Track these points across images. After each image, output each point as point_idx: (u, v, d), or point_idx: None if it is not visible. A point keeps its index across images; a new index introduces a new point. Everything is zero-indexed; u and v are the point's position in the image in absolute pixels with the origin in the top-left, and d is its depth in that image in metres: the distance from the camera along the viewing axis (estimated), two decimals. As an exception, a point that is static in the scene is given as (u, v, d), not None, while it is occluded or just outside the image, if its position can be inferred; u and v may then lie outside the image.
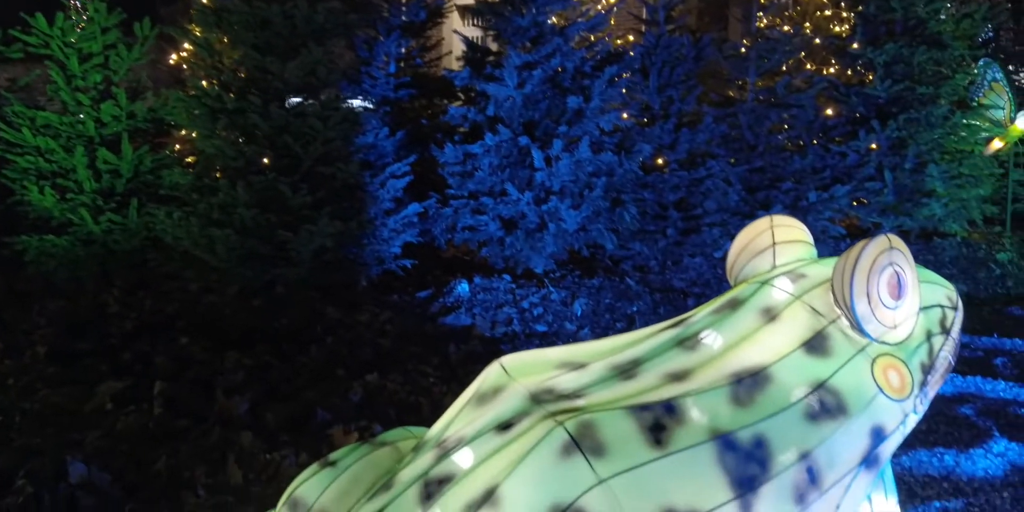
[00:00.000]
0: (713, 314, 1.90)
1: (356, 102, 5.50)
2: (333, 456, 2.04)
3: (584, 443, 1.53)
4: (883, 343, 1.73)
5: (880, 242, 1.72)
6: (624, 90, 5.72)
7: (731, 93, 6.57)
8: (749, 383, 1.68)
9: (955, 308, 1.88)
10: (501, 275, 5.27)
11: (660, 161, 6.09)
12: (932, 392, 1.77)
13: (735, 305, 1.88)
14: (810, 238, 2.04)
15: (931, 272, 1.96)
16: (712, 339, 1.80)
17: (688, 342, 1.83)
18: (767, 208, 5.64)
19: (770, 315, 1.80)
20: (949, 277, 5.81)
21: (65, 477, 2.68)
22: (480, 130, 5.06)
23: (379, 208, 4.90)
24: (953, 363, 1.82)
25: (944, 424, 3.38)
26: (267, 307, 4.58)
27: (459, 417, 1.88)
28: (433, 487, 1.66)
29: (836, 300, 1.75)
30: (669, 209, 5.70)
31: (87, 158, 5.13)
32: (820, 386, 1.67)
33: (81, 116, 5.22)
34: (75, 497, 2.58)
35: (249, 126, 4.55)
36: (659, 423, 1.59)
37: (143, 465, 2.89)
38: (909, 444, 3.21)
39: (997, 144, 6.09)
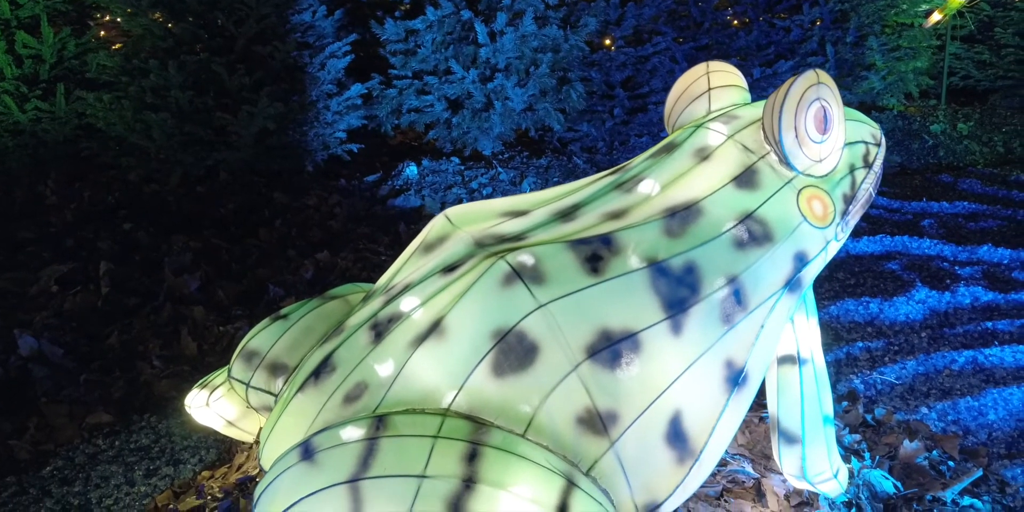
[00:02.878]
0: (650, 159, 1.95)
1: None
2: (284, 310, 2.10)
3: (524, 273, 1.60)
4: (809, 175, 1.81)
5: (808, 77, 1.77)
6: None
7: (678, -34, 6.40)
8: (682, 216, 1.75)
9: (878, 145, 1.96)
10: (449, 157, 5.24)
11: (608, 42, 5.99)
12: (853, 221, 1.87)
13: (671, 149, 1.93)
14: (744, 83, 2.07)
15: (858, 111, 2.02)
16: (649, 181, 1.86)
17: (626, 185, 1.89)
18: (712, 86, 5.61)
19: (703, 155, 1.86)
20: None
21: (15, 351, 2.70)
22: (421, 5, 4.89)
23: (320, 90, 4.76)
24: (874, 195, 1.91)
25: (871, 278, 3.56)
26: (212, 193, 4.52)
27: (405, 266, 1.94)
28: (382, 326, 1.73)
29: (765, 135, 1.80)
30: (616, 88, 5.65)
31: (5, 42, 4.84)
32: (748, 216, 1.75)
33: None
34: (28, 369, 2.62)
35: (176, 2, 4.31)
36: (596, 254, 1.66)
37: (95, 340, 2.92)
38: (837, 295, 3.40)
39: (936, 16, 6.10)
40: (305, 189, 4.71)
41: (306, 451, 1.46)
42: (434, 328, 1.61)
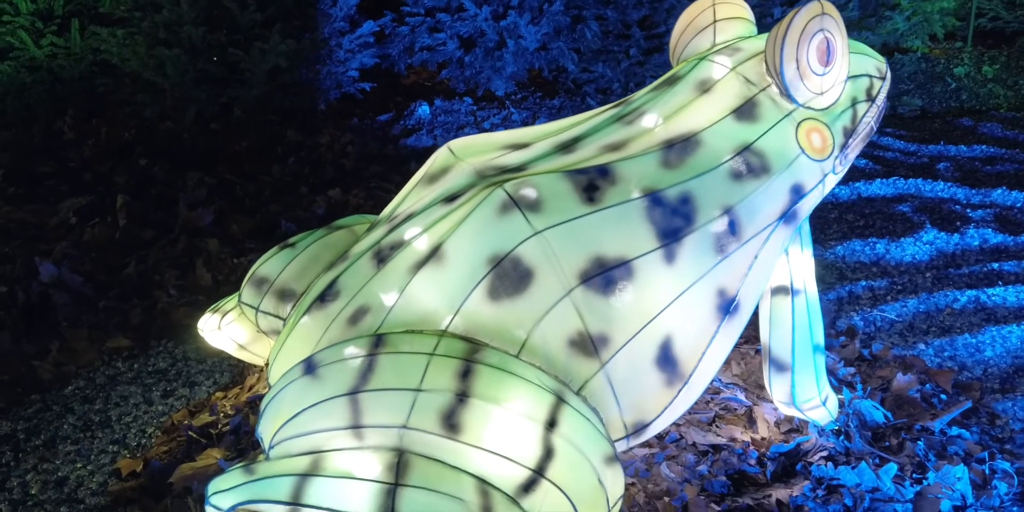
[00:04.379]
0: (652, 92, 1.95)
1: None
2: (292, 239, 2.16)
3: (522, 201, 1.64)
4: (809, 108, 1.81)
5: (812, 7, 1.75)
6: None
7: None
8: (680, 148, 1.77)
9: (883, 78, 1.95)
10: (462, 98, 5.22)
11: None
12: (853, 154, 1.88)
13: (673, 82, 1.93)
14: (751, 15, 2.06)
15: (863, 45, 2.00)
16: (649, 113, 1.87)
17: (627, 118, 1.90)
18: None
19: (705, 88, 1.86)
20: (905, 92, 5.82)
21: (36, 277, 2.79)
22: (434, -60, 4.81)
23: (332, 27, 4.74)
24: (875, 128, 1.91)
25: (881, 220, 3.56)
26: (226, 131, 4.55)
27: (409, 197, 1.98)
28: (385, 252, 1.78)
29: (767, 67, 1.80)
30: (632, 27, 5.55)
31: (17, -23, 4.83)
32: (746, 148, 1.76)
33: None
34: (48, 295, 2.71)
35: (186, -64, 4.27)
36: (593, 184, 1.69)
37: (113, 270, 3.01)
38: (845, 236, 3.41)
39: (968, -47, 5.90)
40: (318, 127, 4.73)
41: (309, 366, 1.53)
42: (433, 254, 1.66)
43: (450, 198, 1.78)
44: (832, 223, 3.60)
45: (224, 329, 2.15)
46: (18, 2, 4.83)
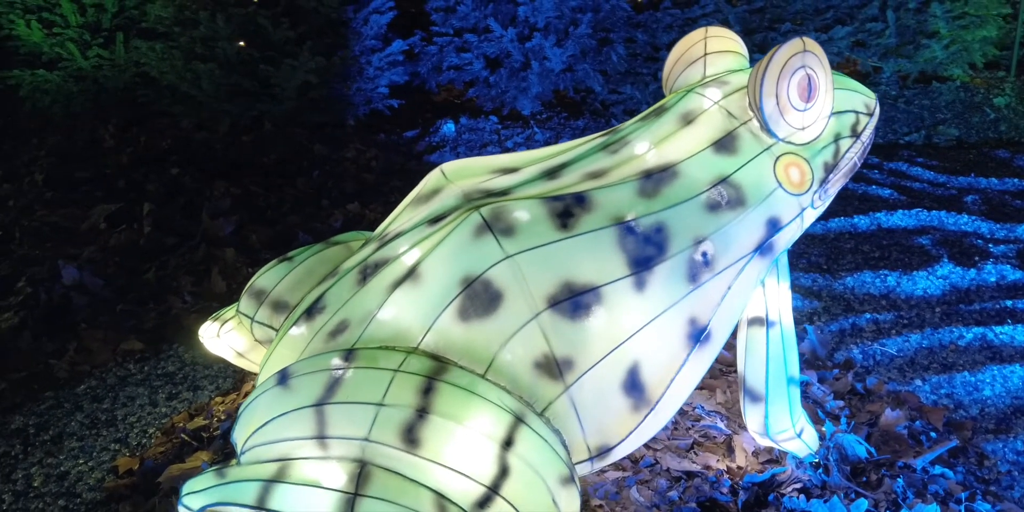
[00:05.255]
0: (639, 122, 2.00)
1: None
2: (291, 253, 2.24)
3: (496, 225, 1.69)
4: (789, 142, 1.84)
5: (794, 44, 1.78)
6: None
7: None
8: (658, 178, 1.80)
9: (870, 115, 1.96)
10: (488, 116, 5.31)
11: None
12: (833, 190, 1.89)
13: (660, 112, 1.98)
14: (743, 49, 2.09)
15: (854, 81, 2.02)
16: (633, 143, 1.91)
17: (612, 147, 1.95)
18: (763, 51, 5.52)
19: (688, 119, 1.90)
20: (941, 121, 5.72)
21: (59, 280, 2.93)
22: (465, -37, 4.93)
23: (363, 45, 4.87)
24: (859, 164, 1.93)
25: (897, 252, 3.53)
26: (256, 143, 4.70)
27: (400, 216, 2.05)
28: (369, 270, 1.85)
29: (749, 101, 1.83)
30: (661, 50, 5.60)
31: (71, -9, 5.08)
32: (723, 180, 1.79)
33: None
34: (69, 297, 2.84)
35: (227, -45, 4.46)
36: (568, 211, 1.74)
37: (134, 274, 3.14)
38: (857, 267, 3.39)
39: (1010, -18, 5.81)
40: (345, 142, 4.86)
41: (282, 377, 1.60)
42: (411, 273, 1.72)
43: (435, 219, 1.85)
44: (846, 253, 3.58)
45: (223, 337, 2.23)
46: (68, 15, 5.07)
